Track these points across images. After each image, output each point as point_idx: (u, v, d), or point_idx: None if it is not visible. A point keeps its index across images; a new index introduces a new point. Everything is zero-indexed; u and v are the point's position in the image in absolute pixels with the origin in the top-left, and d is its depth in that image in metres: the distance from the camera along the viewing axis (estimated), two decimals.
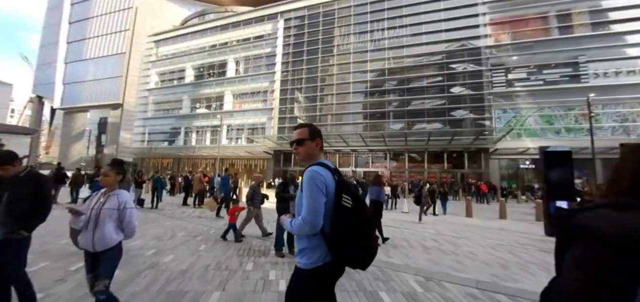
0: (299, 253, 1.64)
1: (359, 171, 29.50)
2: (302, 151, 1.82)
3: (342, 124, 31.46)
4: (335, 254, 1.55)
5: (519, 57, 27.12)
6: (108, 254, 2.30)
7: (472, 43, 28.65)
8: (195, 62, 41.19)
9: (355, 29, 32.86)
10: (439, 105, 28.77)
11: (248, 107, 36.22)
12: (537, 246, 6.71)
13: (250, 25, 38.55)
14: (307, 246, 1.60)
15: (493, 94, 26.97)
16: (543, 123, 25.46)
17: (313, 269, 1.56)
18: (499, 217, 11.81)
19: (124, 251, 4.64)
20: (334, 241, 1.54)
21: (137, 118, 43.65)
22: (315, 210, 1.53)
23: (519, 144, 25.04)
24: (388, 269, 4.49)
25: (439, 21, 29.79)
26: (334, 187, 1.60)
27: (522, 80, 26.68)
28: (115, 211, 2.32)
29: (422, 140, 26.44)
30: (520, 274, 4.50)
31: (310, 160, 1.80)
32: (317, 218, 1.53)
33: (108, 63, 53.56)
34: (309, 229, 1.55)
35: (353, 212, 1.58)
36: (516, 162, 26.42)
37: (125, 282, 3.49)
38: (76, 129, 58.62)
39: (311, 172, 1.61)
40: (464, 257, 5.38)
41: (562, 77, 25.59)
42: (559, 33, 26.57)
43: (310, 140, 1.81)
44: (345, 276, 4.04)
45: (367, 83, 31.79)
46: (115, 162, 2.51)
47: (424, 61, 30.24)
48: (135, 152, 42.37)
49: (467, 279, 4.12)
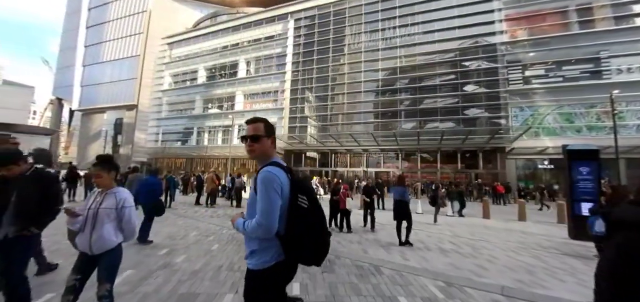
0: (251, 255, 1.58)
1: (370, 170, 29.19)
2: (257, 148, 1.70)
3: (353, 124, 31.18)
4: (290, 254, 1.53)
5: (536, 53, 26.19)
6: (107, 257, 2.17)
7: (487, 40, 27.86)
8: (207, 63, 41.68)
9: (366, 28, 32.50)
10: (452, 104, 28.11)
11: (259, 107, 36.37)
12: (562, 250, 6.36)
13: (261, 26, 38.73)
14: (258, 247, 1.55)
15: (509, 92, 26.14)
16: (562, 121, 24.50)
17: (266, 269, 1.53)
18: (518, 218, 11.37)
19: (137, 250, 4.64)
20: (289, 242, 1.52)
21: (152, 119, 44.54)
22: (271, 214, 1.48)
23: (537, 143, 24.18)
24: (406, 272, 4.31)
25: (452, 18, 29.10)
26: (289, 187, 1.56)
27: (540, 77, 25.76)
28: (113, 210, 2.19)
29: (435, 140, 25.90)
30: (548, 280, 4.23)
31: (265, 159, 1.70)
32: (272, 222, 1.48)
33: (123, 65, 54.84)
34: (262, 233, 1.50)
35: (309, 212, 1.56)
36: (534, 162, 25.55)
37: (137, 283, 3.44)
38: (93, 129, 60.25)
39: (267, 173, 1.54)
40: (485, 261, 5.13)
41: (583, 73, 24.55)
42: (579, 27, 25.51)
43: (267, 137, 1.72)
44: (360, 280, 3.89)
45: (378, 82, 31.39)
46: (102, 158, 2.33)
47: (437, 59, 29.60)
48: (149, 152, 43.25)
49: (491, 284, 3.89)
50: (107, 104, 55.34)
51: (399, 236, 6.34)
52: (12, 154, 2.40)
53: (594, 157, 8.02)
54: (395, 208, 6.57)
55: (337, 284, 3.73)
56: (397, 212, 6.48)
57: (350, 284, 3.77)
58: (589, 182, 7.77)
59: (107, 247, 2.16)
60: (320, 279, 3.91)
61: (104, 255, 2.16)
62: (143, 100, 51.11)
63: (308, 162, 32.32)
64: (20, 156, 2.44)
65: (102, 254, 2.15)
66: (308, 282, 3.77)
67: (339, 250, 5.57)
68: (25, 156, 2.57)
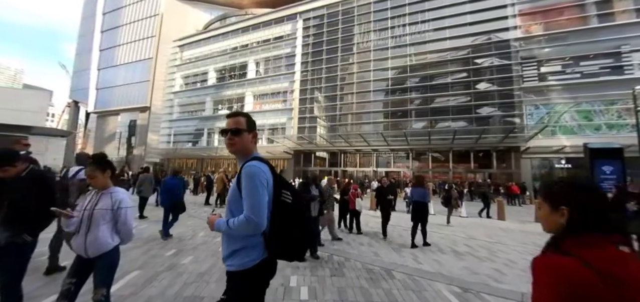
0: (232, 255, 1.52)
1: (380, 170, 28.84)
2: (238, 142, 1.65)
3: (363, 123, 30.89)
4: (273, 251, 1.52)
5: (552, 48, 25.33)
6: (103, 261, 2.07)
7: (500, 36, 27.12)
8: (218, 65, 42.11)
9: (375, 26, 32.16)
10: (464, 102, 27.48)
11: (268, 107, 36.50)
12: None
13: (270, 27, 38.85)
14: (243, 245, 1.51)
15: (523, 89, 25.37)
16: (580, 119, 23.61)
17: (252, 269, 1.49)
18: (535, 220, 10.93)
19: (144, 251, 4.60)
20: (273, 239, 1.50)
21: (163, 120, 45.35)
22: (260, 209, 1.46)
23: (553, 142, 23.37)
24: (419, 276, 4.13)
25: (464, 14, 28.46)
26: (272, 182, 1.55)
27: (557, 74, 24.88)
28: (108, 211, 2.09)
29: (447, 139, 25.36)
30: None
31: (244, 154, 1.67)
32: (262, 218, 1.46)
33: (136, 68, 55.98)
34: (252, 230, 1.46)
35: (292, 207, 1.56)
36: (550, 162, 24.70)
37: (142, 285, 3.38)
38: (108, 131, 61.75)
39: (253, 168, 1.52)
40: (502, 265, 4.89)
41: (603, 69, 23.59)
42: (598, 21, 24.51)
43: (248, 132, 1.67)
44: (371, 284, 3.74)
45: (388, 81, 31.00)
46: (96, 158, 2.24)
47: (448, 57, 28.98)
48: (161, 152, 43.99)
49: (510, 291, 3.67)
50: (121, 106, 56.62)
51: (413, 238, 6.21)
52: (6, 154, 2.23)
53: (617, 156, 7.64)
54: (414, 209, 6.49)
55: (347, 289, 3.59)
56: (415, 214, 6.38)
57: (361, 288, 3.62)
58: (612, 182, 7.38)
59: (103, 249, 2.07)
60: (330, 282, 3.77)
61: (100, 258, 2.07)
62: (155, 102, 52.04)
63: (317, 162, 32.21)
64: (17, 156, 2.27)
65: (99, 256, 2.06)
66: (316, 285, 3.64)
67: (348, 252, 5.42)
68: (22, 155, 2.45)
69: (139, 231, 6.58)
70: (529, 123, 24.38)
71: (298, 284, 3.65)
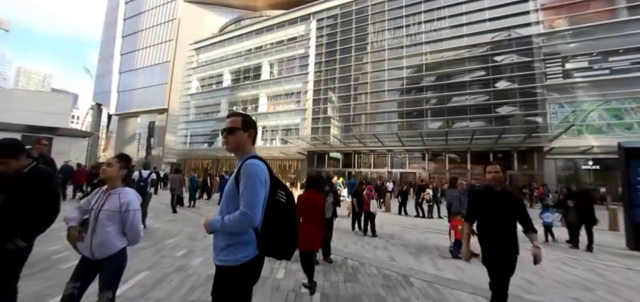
0: (227, 249, 1.54)
1: (395, 171, 28.31)
2: (232, 140, 1.72)
3: (377, 123, 30.42)
4: (264, 248, 1.56)
5: (578, 43, 24.04)
6: (109, 263, 1.98)
7: (521, 32, 26.02)
8: (232, 67, 42.68)
9: (389, 25, 31.62)
10: (483, 101, 26.53)
11: (282, 108, 36.62)
12: (621, 262, 5.54)
13: (284, 28, 39.01)
14: (237, 241, 1.53)
15: (547, 87, 24.22)
16: (610, 118, 22.26)
17: (246, 264, 1.52)
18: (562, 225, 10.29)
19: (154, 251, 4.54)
20: (266, 236, 1.54)
21: (181, 121, 46.39)
22: (257, 206, 1.50)
23: (580, 142, 22.15)
24: (439, 284, 3.86)
25: (482, 10, 27.50)
26: (269, 182, 1.59)
27: (583, 70, 23.60)
28: (116, 213, 2.00)
29: (465, 140, 24.55)
30: (611, 298, 3.60)
31: (240, 151, 1.72)
32: (257, 214, 1.50)
33: (155, 71, 57.66)
34: (246, 225, 1.50)
35: (286, 207, 1.61)
36: (575, 163, 23.44)
37: (150, 287, 3.29)
38: (128, 132, 63.89)
39: (253, 166, 1.56)
40: (531, 274, 4.53)
41: (634, 64, 22.13)
42: (628, 14, 23.08)
43: (243, 131, 1.72)
44: (387, 292, 3.51)
45: (402, 80, 30.39)
46: (121, 156, 2.21)
47: (466, 54, 28.06)
48: (178, 153, 45.01)
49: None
50: (141, 108, 58.44)
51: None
52: (8, 143, 2.00)
53: None
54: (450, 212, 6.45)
55: (362, 296, 3.38)
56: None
57: (376, 296, 3.40)
58: None
59: (109, 251, 1.99)
60: (343, 288, 3.57)
61: (107, 260, 1.99)
62: (173, 104, 53.37)
63: (331, 163, 31.99)
64: (21, 148, 2.05)
65: (105, 259, 1.98)
66: (329, 292, 3.45)
67: (363, 256, 5.19)
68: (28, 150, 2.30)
69: (152, 230, 6.60)
70: (552, 122, 23.25)
71: None
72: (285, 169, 34.88)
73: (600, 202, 18.23)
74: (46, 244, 4.46)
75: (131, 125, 63.90)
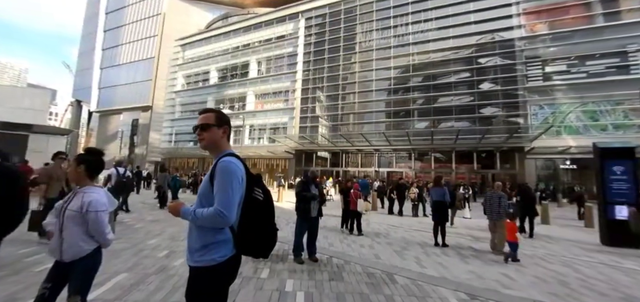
0: (204, 249, 1.48)
1: (382, 171, 28.58)
2: (206, 136, 1.66)
3: (365, 123, 30.63)
4: (242, 247, 1.52)
5: (557, 48, 24.95)
6: (78, 266, 1.86)
7: (504, 35, 26.77)
8: (219, 64, 42.00)
9: (377, 25, 31.88)
10: (468, 102, 27.16)
11: (270, 107, 36.33)
12: (596, 258, 5.77)
13: (272, 26, 38.68)
14: (213, 240, 1.48)
15: (528, 89, 25.02)
16: (586, 119, 23.21)
17: (222, 264, 1.48)
18: (541, 222, 10.65)
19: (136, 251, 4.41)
20: (243, 235, 1.50)
21: (165, 119, 45.26)
22: (232, 205, 1.45)
23: (559, 142, 22.99)
24: (422, 281, 3.90)
25: (468, 13, 28.11)
26: (245, 179, 1.54)
27: (562, 73, 24.49)
28: (77, 213, 1.86)
29: (450, 139, 25.05)
30: (588, 294, 3.73)
31: (214, 149, 1.68)
32: (232, 213, 1.45)
33: (139, 67, 56.07)
34: (219, 224, 1.45)
35: (264, 204, 1.57)
36: (554, 162, 24.33)
37: (129, 289, 3.18)
38: (111, 130, 61.93)
39: (229, 163, 1.51)
40: (511, 270, 4.65)
41: (609, 68, 23.17)
42: (604, 20, 24.11)
43: (217, 127, 1.67)
44: (371, 290, 3.52)
45: (390, 80, 30.70)
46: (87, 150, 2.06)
47: (451, 56, 28.65)
48: (163, 152, 43.95)
49: (521, 298, 3.44)
50: (123, 105, 56.72)
51: (436, 237, 6.36)
52: None
53: (629, 156, 7.35)
54: (434, 209, 6.62)
55: (346, 294, 3.37)
56: (437, 214, 6.50)
57: (361, 294, 3.40)
58: (623, 183, 7.11)
59: (78, 254, 1.86)
60: (328, 287, 3.56)
61: (77, 263, 1.87)
62: (157, 101, 52.09)
63: (319, 162, 31.98)
64: None
65: (75, 261, 1.87)
66: (314, 291, 3.43)
67: (349, 254, 5.20)
68: None
69: (134, 230, 6.40)
70: (533, 123, 24.04)
71: (294, 289, 3.44)
72: (273, 168, 34.65)
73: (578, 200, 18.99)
74: (20, 246, 4.25)
75: (113, 123, 61.96)
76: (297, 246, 4.65)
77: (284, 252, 5.02)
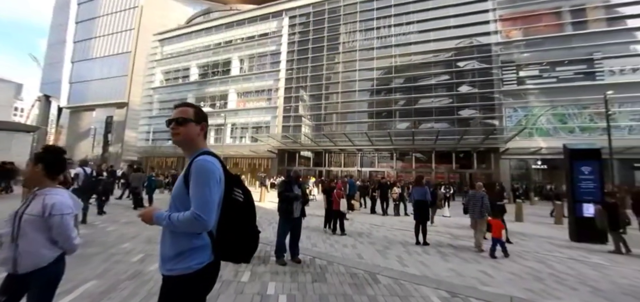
0: (179, 256, 1.35)
1: (364, 170, 28.86)
2: (182, 132, 1.50)
3: (348, 123, 30.82)
4: (222, 252, 1.41)
5: (530, 53, 26.17)
6: (37, 279, 1.66)
7: (481, 40, 27.78)
8: (200, 61, 40.89)
9: (361, 26, 32.16)
10: (447, 104, 27.97)
11: (252, 105, 35.79)
12: (567, 254, 6.07)
13: (255, 23, 38.10)
14: (189, 247, 1.36)
15: (503, 93, 26.09)
16: (556, 122, 24.51)
17: (198, 272, 1.35)
18: (515, 219, 11.11)
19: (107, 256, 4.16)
20: (223, 239, 1.39)
21: (142, 117, 43.52)
22: (211, 207, 1.33)
23: (531, 143, 24.13)
24: (404, 280, 3.93)
25: (448, 17, 28.93)
26: (224, 179, 1.44)
27: (534, 78, 25.73)
28: (39, 218, 1.65)
29: (430, 140, 25.69)
30: (559, 289, 3.89)
31: (190, 146, 1.52)
32: (211, 216, 1.33)
33: (114, 62, 53.66)
34: (197, 228, 1.33)
35: (244, 206, 1.48)
36: (526, 163, 25.53)
37: (99, 296, 2.98)
38: (82, 127, 58.83)
39: (206, 163, 1.39)
40: (489, 267, 4.79)
41: (577, 74, 24.58)
42: (572, 29, 25.55)
43: (195, 123, 1.52)
44: (354, 290, 3.50)
45: (373, 81, 31.08)
46: (45, 148, 1.87)
47: (432, 59, 29.41)
48: (140, 150, 42.27)
49: (499, 295, 3.54)
50: (97, 101, 54.11)
51: (417, 235, 6.44)
52: None
53: (595, 157, 7.78)
54: (416, 208, 6.67)
55: (329, 296, 3.33)
56: (418, 213, 6.57)
57: (344, 295, 3.37)
58: (591, 183, 7.53)
59: (37, 265, 1.66)
60: (311, 289, 3.50)
61: (35, 274, 1.66)
62: (134, 98, 50.04)
63: (302, 162, 31.85)
64: None
65: (31, 273, 1.66)
66: (296, 293, 3.36)
67: (332, 255, 5.17)
68: None
69: (106, 233, 6.07)
70: (507, 125, 25.08)
71: (276, 292, 3.36)
72: (255, 167, 34.18)
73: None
74: None
75: (86, 120, 58.92)
76: (279, 247, 4.57)
77: (266, 253, 4.92)
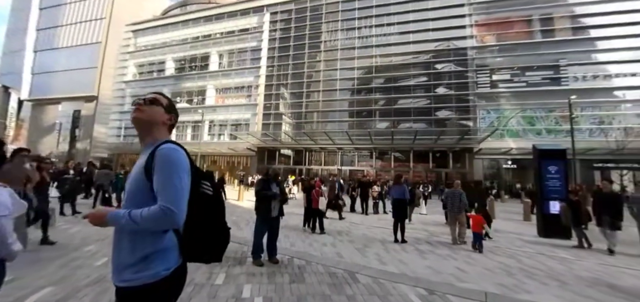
0: (140, 263, 1.15)
1: (344, 169, 29.03)
2: (147, 110, 1.36)
3: (328, 122, 30.88)
4: (190, 252, 1.26)
5: (503, 58, 27.43)
6: None
7: (458, 44, 28.77)
8: (177, 54, 39.39)
9: (342, 25, 32.30)
10: (425, 104, 28.74)
11: (231, 102, 34.98)
12: (536, 249, 6.35)
13: (235, 18, 37.23)
14: (155, 250, 1.18)
15: (477, 95, 27.17)
16: (525, 124, 25.85)
17: (165, 278, 1.18)
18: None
19: (68, 260, 3.84)
20: (191, 238, 1.25)
21: (113, 111, 41.28)
22: (182, 200, 1.18)
23: (502, 144, 25.32)
24: (383, 279, 3.92)
25: (427, 20, 29.71)
26: (191, 172, 1.28)
27: (506, 82, 27.01)
28: None
29: (408, 139, 26.28)
30: (529, 283, 4.04)
31: (151, 130, 1.36)
32: (183, 210, 1.18)
33: (82, 53, 50.53)
34: (168, 224, 1.17)
35: (214, 200, 1.34)
36: (498, 162, 26.75)
37: None
38: (47, 121, 55.00)
39: (174, 151, 1.24)
40: (463, 263, 4.91)
41: (544, 79, 26.05)
42: (541, 36, 27.05)
43: (165, 111, 1.40)
44: (333, 290, 3.44)
45: (354, 80, 31.33)
46: None
47: (411, 60, 30.10)
48: (110, 147, 40.11)
49: (474, 290, 3.60)
50: (63, 94, 50.73)
51: (396, 233, 6.49)
52: None
53: (561, 157, 8.23)
54: (394, 207, 6.74)
55: (307, 297, 3.25)
56: (396, 211, 6.63)
57: (323, 295, 3.30)
58: (557, 181, 7.94)
59: None
60: (288, 290, 3.40)
61: None
62: (104, 91, 47.43)
63: (282, 160, 31.54)
64: None
65: None
66: (273, 295, 3.25)
67: (310, 254, 5.09)
68: None
69: (69, 235, 5.64)
70: (481, 126, 26.14)
71: (252, 294, 3.23)
72: (234, 165, 33.45)
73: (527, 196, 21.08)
74: None
75: (50, 114, 55.13)
76: (256, 247, 4.42)
77: (243, 254, 4.76)
